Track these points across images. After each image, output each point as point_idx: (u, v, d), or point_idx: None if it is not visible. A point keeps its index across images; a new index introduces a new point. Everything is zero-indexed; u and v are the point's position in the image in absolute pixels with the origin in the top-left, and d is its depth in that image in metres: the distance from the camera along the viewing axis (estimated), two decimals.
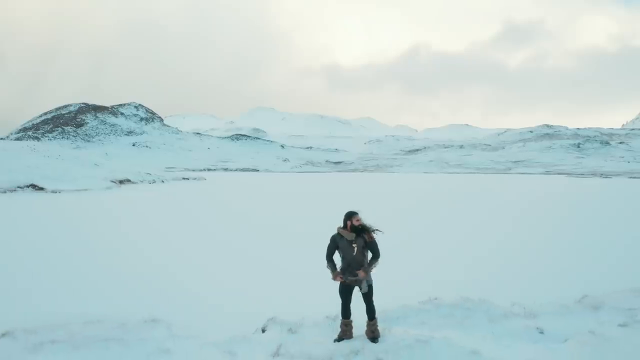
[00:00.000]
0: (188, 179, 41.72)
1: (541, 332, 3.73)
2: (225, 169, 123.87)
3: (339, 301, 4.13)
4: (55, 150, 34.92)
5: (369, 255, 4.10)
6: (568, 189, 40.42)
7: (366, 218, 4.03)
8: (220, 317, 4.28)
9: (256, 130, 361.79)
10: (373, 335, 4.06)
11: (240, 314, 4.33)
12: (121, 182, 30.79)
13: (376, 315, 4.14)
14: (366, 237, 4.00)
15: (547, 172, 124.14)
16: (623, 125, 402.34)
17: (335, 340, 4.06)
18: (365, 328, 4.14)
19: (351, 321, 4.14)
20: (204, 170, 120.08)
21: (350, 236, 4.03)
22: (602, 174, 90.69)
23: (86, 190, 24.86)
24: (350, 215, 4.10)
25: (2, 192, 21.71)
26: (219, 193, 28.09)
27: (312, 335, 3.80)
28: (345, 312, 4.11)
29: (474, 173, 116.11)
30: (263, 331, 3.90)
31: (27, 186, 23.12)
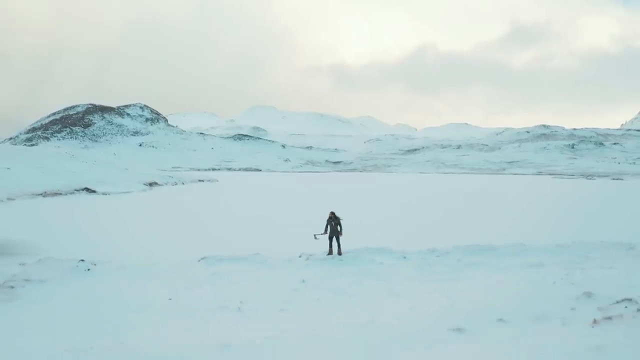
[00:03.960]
0: (203, 180, 46.83)
1: (404, 257, 9.04)
2: (229, 169, 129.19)
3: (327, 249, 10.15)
4: (89, 156, 40.09)
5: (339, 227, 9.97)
6: (525, 188, 45.52)
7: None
8: (284, 252, 9.80)
9: (256, 129, 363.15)
10: (339, 253, 9.97)
11: (290, 251, 9.87)
12: (150, 184, 36.07)
13: (341, 246, 10.02)
14: (337, 220, 9.68)
15: (539, 173, 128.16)
16: (622, 125, 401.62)
17: (326, 255, 10.00)
18: (336, 251, 10.04)
19: (332, 247, 10.08)
20: (209, 169, 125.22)
21: (331, 219, 9.93)
22: (588, 176, 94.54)
23: (128, 192, 30.14)
24: (331, 212, 9.95)
25: (64, 195, 26.91)
26: (239, 194, 33.35)
27: (318, 256, 9.27)
28: (330, 244, 10.15)
29: (468, 173, 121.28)
30: (300, 256, 9.38)
31: (82, 189, 28.34)
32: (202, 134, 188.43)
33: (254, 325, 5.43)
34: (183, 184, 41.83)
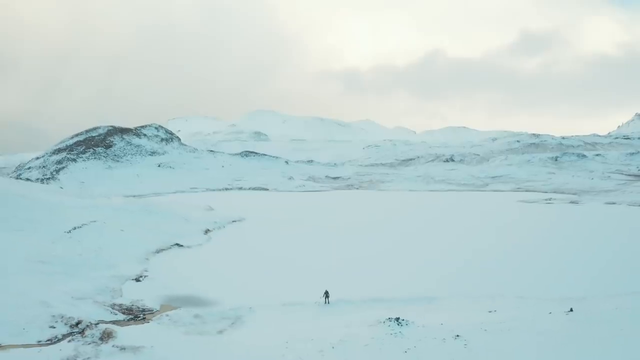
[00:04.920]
0: (235, 221, 62.22)
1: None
2: (240, 188, 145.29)
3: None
4: (163, 212, 55.68)
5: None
6: (480, 218, 59.64)
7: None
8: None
9: (258, 133, 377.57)
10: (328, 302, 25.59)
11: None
12: (206, 232, 51.69)
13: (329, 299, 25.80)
14: (327, 293, 25.46)
15: (517, 189, 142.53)
16: (618, 126, 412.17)
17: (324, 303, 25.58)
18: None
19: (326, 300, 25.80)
20: (222, 189, 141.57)
21: (326, 292, 25.54)
22: (548, 199, 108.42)
23: (201, 245, 45.86)
24: (325, 290, 25.44)
25: (167, 250, 42.45)
26: (272, 237, 48.66)
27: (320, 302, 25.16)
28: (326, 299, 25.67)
29: (453, 190, 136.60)
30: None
31: (174, 245, 43.98)
32: (212, 151, 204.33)
33: None
34: (224, 227, 57.39)
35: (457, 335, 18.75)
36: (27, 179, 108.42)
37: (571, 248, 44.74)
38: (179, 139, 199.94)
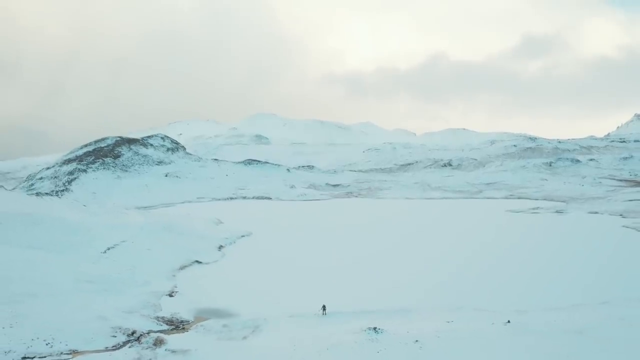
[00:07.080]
0: (244, 235, 69.34)
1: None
2: (244, 197, 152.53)
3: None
4: (183, 230, 62.80)
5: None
6: (465, 229, 66.46)
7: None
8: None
9: (258, 136, 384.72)
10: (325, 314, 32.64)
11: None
12: (219, 248, 58.79)
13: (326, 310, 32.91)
14: (324, 307, 32.66)
15: (510, 196, 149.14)
16: (618, 127, 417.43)
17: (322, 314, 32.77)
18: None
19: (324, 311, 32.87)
20: (227, 199, 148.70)
21: (324, 306, 32.62)
22: (535, 208, 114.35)
23: (217, 261, 52.94)
24: (323, 304, 32.63)
25: (189, 267, 49.54)
26: (283, 251, 55.74)
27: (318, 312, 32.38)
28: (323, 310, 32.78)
29: (448, 198, 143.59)
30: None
31: (194, 262, 51.08)
32: (216, 159, 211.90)
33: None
34: (235, 242, 64.52)
35: (417, 340, 25.87)
36: (46, 194, 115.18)
37: (539, 262, 51.49)
38: (184, 148, 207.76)
